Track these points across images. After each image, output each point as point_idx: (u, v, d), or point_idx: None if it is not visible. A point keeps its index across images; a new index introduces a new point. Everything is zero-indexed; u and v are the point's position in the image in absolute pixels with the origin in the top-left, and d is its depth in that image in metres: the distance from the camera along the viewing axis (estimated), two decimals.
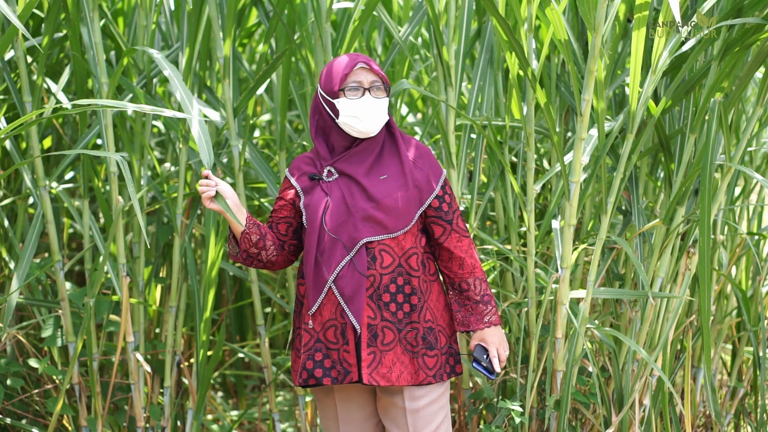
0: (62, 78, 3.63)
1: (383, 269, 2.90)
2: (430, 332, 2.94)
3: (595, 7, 3.08)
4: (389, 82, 2.98)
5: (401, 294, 2.92)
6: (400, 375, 2.91)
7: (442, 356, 2.97)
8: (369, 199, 2.89)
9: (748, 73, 3.27)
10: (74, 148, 3.60)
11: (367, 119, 2.88)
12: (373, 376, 2.89)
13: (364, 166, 2.92)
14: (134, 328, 3.74)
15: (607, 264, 3.55)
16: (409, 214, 2.91)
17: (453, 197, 2.99)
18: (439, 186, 2.95)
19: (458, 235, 2.97)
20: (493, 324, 3.00)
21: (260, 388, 5.04)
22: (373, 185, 2.90)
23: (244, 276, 3.89)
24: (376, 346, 2.90)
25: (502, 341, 3.02)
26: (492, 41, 3.65)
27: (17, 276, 3.50)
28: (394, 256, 2.91)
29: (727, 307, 4.12)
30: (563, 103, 3.71)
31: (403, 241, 2.92)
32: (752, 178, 4.12)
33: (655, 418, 3.57)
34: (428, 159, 2.97)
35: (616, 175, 3.33)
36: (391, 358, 2.91)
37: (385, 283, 2.90)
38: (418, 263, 2.94)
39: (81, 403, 3.71)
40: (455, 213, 2.98)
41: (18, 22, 2.84)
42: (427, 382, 2.93)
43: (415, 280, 2.93)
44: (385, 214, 2.89)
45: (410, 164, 2.93)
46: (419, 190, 2.93)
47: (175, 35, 3.87)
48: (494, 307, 3.01)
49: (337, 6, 4.04)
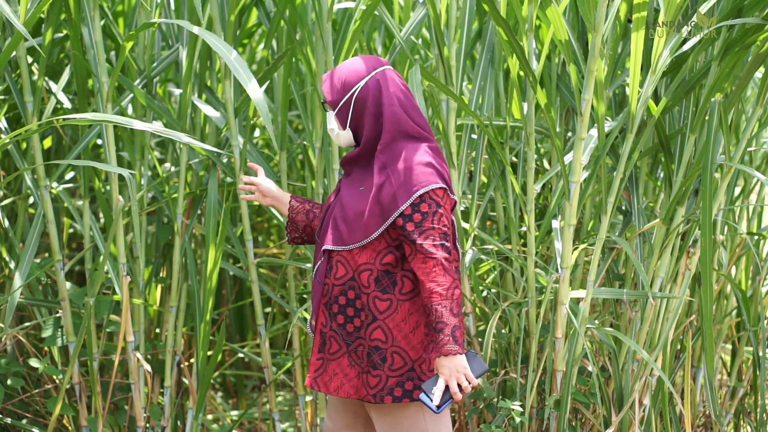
0: (63, 78, 3.64)
1: (336, 280, 2.89)
2: (376, 351, 2.86)
3: (595, 7, 3.09)
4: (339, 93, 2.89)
5: (351, 308, 2.88)
6: (340, 387, 2.91)
7: (391, 378, 2.86)
8: (341, 207, 2.90)
9: (748, 73, 3.27)
10: (74, 149, 3.60)
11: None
12: (316, 381, 2.94)
13: (351, 173, 2.94)
14: (134, 328, 3.74)
15: (607, 264, 3.55)
16: (366, 230, 2.84)
17: (431, 216, 2.79)
18: (408, 203, 2.78)
19: (423, 256, 2.78)
20: (444, 354, 2.77)
21: (260, 388, 5.04)
22: (349, 195, 2.90)
23: (244, 276, 3.89)
24: (324, 354, 2.93)
25: (452, 372, 2.78)
26: (493, 41, 3.65)
27: (18, 276, 3.50)
28: (348, 269, 2.88)
29: (726, 307, 4.12)
30: (563, 103, 3.71)
31: (357, 255, 2.86)
32: (752, 178, 4.13)
33: (655, 418, 3.57)
34: (407, 174, 2.81)
35: (616, 175, 3.34)
36: (333, 368, 2.92)
37: (335, 294, 2.90)
38: (370, 280, 2.85)
39: (81, 403, 3.71)
40: (424, 234, 2.78)
41: (21, 26, 2.85)
42: (366, 400, 2.89)
43: (365, 296, 2.86)
44: (346, 225, 2.87)
45: (381, 180, 2.83)
46: (381, 207, 2.82)
47: (176, 35, 3.88)
48: (448, 336, 2.76)
49: (338, 6, 4.05)
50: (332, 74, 2.92)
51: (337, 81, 2.89)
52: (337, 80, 2.89)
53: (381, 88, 2.86)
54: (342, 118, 2.90)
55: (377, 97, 2.86)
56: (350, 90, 2.87)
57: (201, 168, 3.84)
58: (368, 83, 2.87)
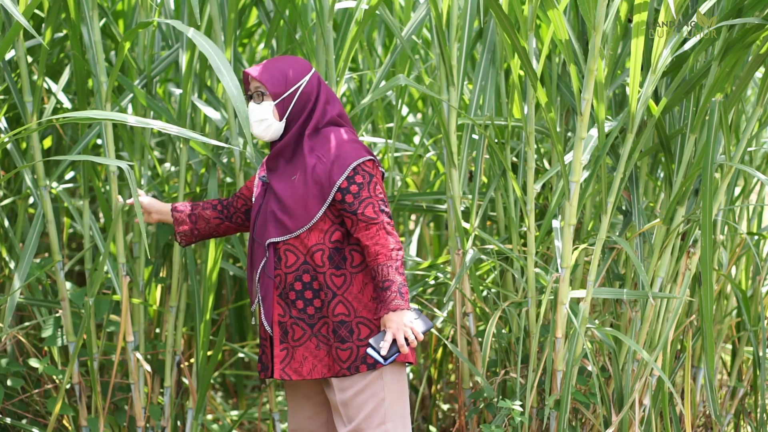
0: (62, 78, 3.63)
1: (287, 268, 3.01)
2: (342, 325, 3.00)
3: (595, 7, 3.09)
4: (282, 86, 3.02)
5: (309, 290, 3.01)
6: (313, 368, 3.02)
7: (361, 348, 3.00)
8: (277, 200, 3.02)
9: (748, 73, 3.27)
10: (74, 149, 3.60)
11: (252, 125, 3.04)
12: (285, 371, 3.03)
13: (278, 169, 3.06)
14: (134, 328, 3.74)
15: (607, 264, 3.55)
16: (309, 213, 2.99)
17: (367, 185, 2.97)
18: (344, 177, 2.96)
19: (365, 223, 2.97)
20: (391, 309, 2.93)
21: (260, 388, 5.04)
22: (282, 187, 3.02)
23: (245, 276, 3.89)
24: (288, 342, 3.03)
25: (400, 326, 2.93)
26: (494, 41, 3.65)
27: (18, 276, 3.50)
28: (299, 255, 3.01)
29: (726, 307, 4.12)
30: (563, 102, 3.71)
31: (305, 239, 3.01)
32: (752, 178, 4.12)
33: (655, 418, 3.57)
34: (338, 151, 2.99)
35: (616, 175, 3.34)
36: (302, 353, 3.03)
37: (290, 282, 3.01)
38: (323, 259, 2.99)
39: (81, 403, 3.70)
40: (363, 202, 2.96)
41: (23, 19, 2.85)
42: (341, 374, 3.00)
43: (321, 276, 3.00)
44: (287, 214, 3.00)
45: (313, 161, 2.99)
46: (320, 186, 2.98)
47: (176, 35, 3.87)
48: (395, 293, 2.94)
49: (338, 6, 4.04)
50: (267, 67, 3.04)
51: (279, 74, 3.02)
52: (278, 73, 3.02)
53: (321, 83, 3.07)
54: (281, 109, 3.03)
55: (318, 91, 3.05)
56: (295, 83, 3.03)
57: (201, 168, 3.84)
58: (311, 78, 3.05)
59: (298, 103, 3.03)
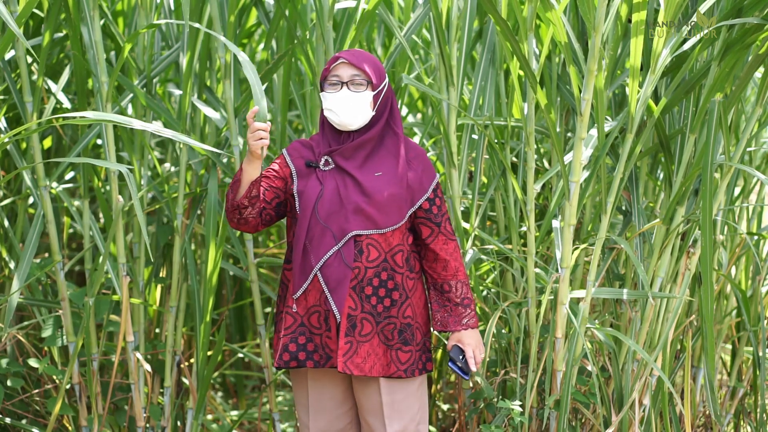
0: (62, 78, 3.63)
1: (369, 263, 3.00)
2: (408, 328, 3.04)
3: (594, 7, 3.09)
4: (380, 78, 3.02)
5: (383, 288, 3.01)
6: (373, 366, 3.01)
7: (417, 353, 3.06)
8: (362, 193, 2.98)
9: (748, 73, 3.27)
10: (74, 149, 3.60)
11: (342, 113, 2.98)
12: (347, 364, 2.99)
13: (357, 160, 3.01)
14: (134, 328, 3.74)
15: (607, 264, 3.55)
16: (399, 213, 3.01)
17: (443, 201, 3.09)
18: (431, 189, 3.05)
19: (445, 237, 3.07)
20: (471, 327, 3.10)
21: (260, 388, 5.04)
22: (368, 180, 2.99)
23: (244, 276, 3.89)
24: (354, 336, 3.00)
25: (478, 344, 3.12)
26: (494, 41, 3.65)
27: (18, 276, 3.50)
28: (381, 251, 3.01)
29: (726, 307, 4.12)
30: (563, 103, 3.71)
31: (390, 237, 3.01)
32: (752, 178, 4.12)
33: (655, 418, 3.57)
34: (423, 161, 3.07)
35: (616, 175, 3.34)
36: (366, 349, 3.00)
37: (368, 276, 3.00)
38: (403, 260, 3.04)
39: (81, 403, 3.70)
40: (444, 216, 3.08)
41: (15, 27, 2.84)
42: (397, 376, 3.03)
43: (399, 276, 3.02)
44: (376, 209, 2.98)
45: (405, 164, 3.02)
46: (411, 191, 3.03)
47: (176, 35, 3.87)
48: (473, 311, 3.10)
49: (338, 6, 4.05)
50: (365, 58, 3.01)
51: (377, 67, 3.03)
52: (377, 66, 3.03)
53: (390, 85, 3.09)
54: (375, 102, 3.02)
55: (392, 92, 3.08)
56: (386, 78, 3.05)
57: (201, 168, 3.84)
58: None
59: (383, 99, 3.04)
